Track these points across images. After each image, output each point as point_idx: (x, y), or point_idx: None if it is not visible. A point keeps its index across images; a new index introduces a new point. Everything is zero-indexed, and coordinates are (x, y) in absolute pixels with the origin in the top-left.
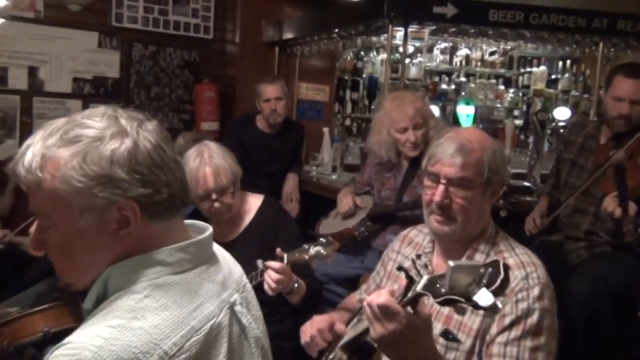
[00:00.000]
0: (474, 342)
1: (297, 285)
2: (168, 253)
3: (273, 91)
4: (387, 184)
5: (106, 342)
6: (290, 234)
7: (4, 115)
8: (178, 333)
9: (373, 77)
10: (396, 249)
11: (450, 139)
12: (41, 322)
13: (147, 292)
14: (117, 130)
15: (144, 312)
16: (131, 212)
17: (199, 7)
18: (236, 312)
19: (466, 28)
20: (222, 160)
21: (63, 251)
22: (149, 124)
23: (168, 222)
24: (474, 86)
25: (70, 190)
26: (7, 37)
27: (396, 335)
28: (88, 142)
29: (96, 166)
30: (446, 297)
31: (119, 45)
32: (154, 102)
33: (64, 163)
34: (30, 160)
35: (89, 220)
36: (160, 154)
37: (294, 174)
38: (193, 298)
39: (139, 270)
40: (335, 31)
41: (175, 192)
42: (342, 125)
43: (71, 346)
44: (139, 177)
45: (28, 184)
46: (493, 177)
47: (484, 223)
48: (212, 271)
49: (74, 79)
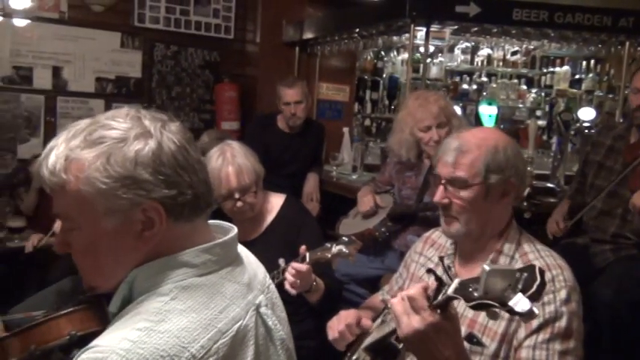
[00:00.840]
0: (498, 346)
1: (315, 283)
2: (194, 254)
3: (293, 94)
4: (407, 183)
5: (133, 345)
6: (312, 233)
7: (28, 115)
8: (206, 336)
9: (393, 77)
10: (419, 250)
11: (450, 140)
12: (67, 326)
13: (173, 294)
14: (141, 131)
15: (171, 314)
16: (155, 214)
17: (220, 7)
18: (262, 314)
19: (489, 28)
20: (245, 159)
21: (87, 253)
22: (172, 125)
23: (193, 223)
24: (495, 86)
25: (94, 192)
26: (33, 38)
27: (421, 335)
28: (112, 143)
29: (120, 167)
30: (479, 301)
31: (141, 45)
32: (175, 102)
33: (87, 165)
34: (54, 162)
35: (113, 221)
36: (184, 154)
37: (315, 174)
38: (219, 300)
39: (164, 272)
40: (356, 30)
41: (199, 193)
42: (362, 125)
43: (99, 350)
44: (163, 178)
45: (52, 186)
46: (493, 177)
47: (500, 224)
48: (237, 273)
49: (97, 79)
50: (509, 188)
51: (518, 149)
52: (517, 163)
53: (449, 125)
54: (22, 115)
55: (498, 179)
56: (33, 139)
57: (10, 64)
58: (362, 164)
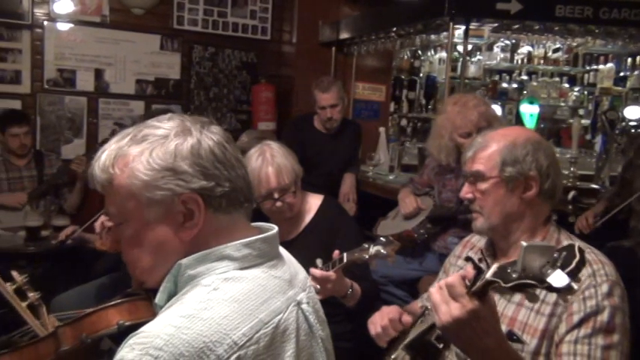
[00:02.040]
0: (539, 342)
1: (351, 290)
2: (235, 248)
3: (328, 98)
4: (448, 186)
5: (177, 330)
6: (350, 235)
7: (72, 116)
8: (247, 324)
9: (431, 76)
10: (458, 254)
11: (476, 138)
12: (116, 316)
13: (215, 284)
14: (181, 129)
15: (213, 303)
16: (195, 205)
17: (257, 8)
18: (303, 310)
19: (530, 25)
20: (284, 159)
21: (133, 245)
22: (213, 127)
23: (232, 217)
24: (536, 85)
25: (138, 183)
26: (76, 41)
27: (461, 323)
28: (155, 140)
29: (161, 159)
30: (517, 282)
31: (180, 47)
32: (213, 102)
33: (132, 159)
34: (104, 160)
35: (156, 212)
36: (222, 150)
37: (351, 174)
38: (260, 292)
39: (206, 264)
40: (393, 29)
41: (237, 187)
42: (398, 125)
43: (144, 335)
44: (201, 170)
45: (102, 183)
46: (509, 169)
47: (530, 220)
48: (279, 269)
49: (137, 81)
50: (531, 182)
51: (544, 145)
52: (539, 157)
53: (490, 129)
54: (65, 117)
55: (515, 172)
56: (76, 139)
57: (55, 67)
58: (399, 164)
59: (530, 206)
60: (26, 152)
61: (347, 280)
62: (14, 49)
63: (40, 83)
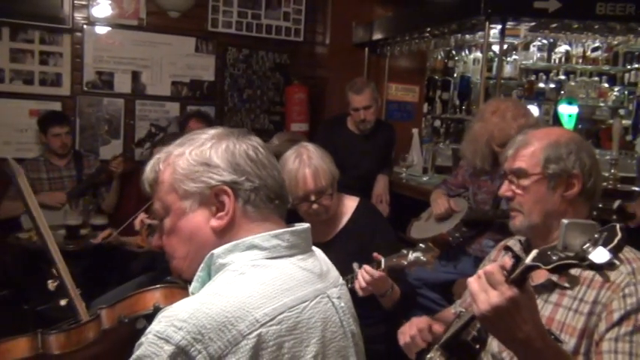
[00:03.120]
0: (578, 342)
1: (391, 289)
2: (264, 238)
3: (362, 100)
4: (483, 187)
5: (202, 305)
6: (386, 238)
7: (110, 118)
8: (271, 305)
9: (465, 77)
10: (493, 258)
11: (516, 137)
12: (152, 299)
13: (243, 269)
14: (221, 134)
15: (239, 284)
16: (225, 196)
17: (290, 10)
18: (334, 304)
19: (569, 23)
20: (321, 161)
21: (171, 235)
22: (251, 136)
23: (262, 211)
24: (574, 84)
25: (177, 177)
26: (114, 44)
27: (500, 311)
28: (196, 141)
29: (197, 156)
30: (559, 262)
31: (214, 49)
32: (247, 104)
33: (174, 157)
34: (154, 162)
35: (192, 204)
36: (255, 151)
37: (385, 175)
38: (287, 280)
39: (236, 253)
40: (427, 30)
41: (268, 184)
42: (432, 126)
43: (171, 309)
44: (232, 165)
45: (150, 183)
46: (553, 167)
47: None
48: (309, 263)
49: (173, 83)
50: (574, 181)
51: (586, 145)
52: (582, 157)
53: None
54: (103, 118)
55: (558, 169)
56: (114, 140)
57: (94, 69)
58: (432, 166)
59: (571, 205)
60: (67, 152)
61: (389, 280)
62: (55, 52)
63: (80, 85)
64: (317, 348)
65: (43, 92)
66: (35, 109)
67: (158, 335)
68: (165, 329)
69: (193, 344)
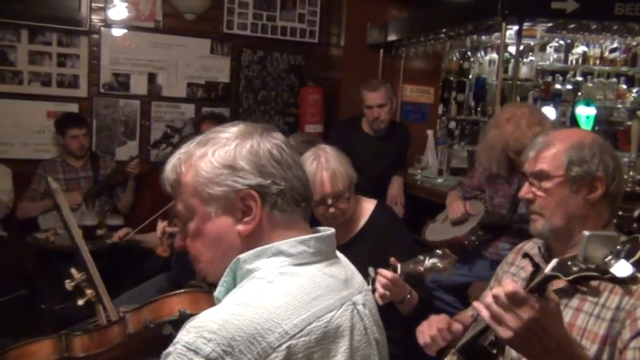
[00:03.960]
0: (600, 348)
1: (409, 296)
2: (290, 244)
3: (376, 97)
4: (500, 191)
5: (231, 316)
6: (403, 242)
7: (126, 119)
8: (300, 316)
9: (481, 78)
10: (511, 261)
11: (537, 138)
12: (178, 304)
13: (270, 277)
14: (243, 133)
15: (267, 294)
16: (252, 200)
17: (305, 12)
18: (359, 311)
19: (587, 24)
20: (339, 164)
21: (196, 239)
22: (274, 132)
23: (289, 215)
24: (591, 86)
25: (201, 180)
26: (130, 46)
27: (533, 325)
28: (218, 141)
29: (221, 158)
30: (579, 274)
31: (229, 51)
32: (261, 105)
33: (196, 158)
34: (174, 162)
35: (217, 208)
36: (280, 151)
37: (399, 177)
38: (314, 288)
39: (262, 259)
40: (442, 31)
41: (294, 186)
42: (447, 128)
43: (200, 319)
44: (258, 168)
45: (171, 183)
46: (576, 169)
47: (592, 223)
48: (334, 269)
49: (188, 85)
50: (597, 183)
51: (609, 147)
52: (606, 159)
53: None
54: (120, 119)
55: (582, 172)
56: (129, 141)
57: (110, 71)
58: (448, 168)
59: (593, 208)
60: (84, 154)
61: (406, 285)
62: (73, 54)
63: (97, 87)
64: (344, 357)
65: (61, 94)
66: (53, 110)
67: (187, 346)
68: (194, 340)
69: (223, 357)
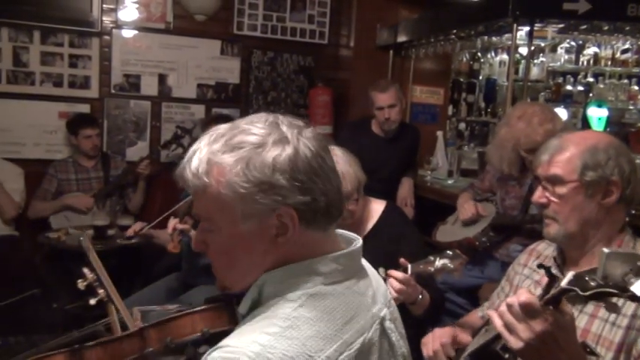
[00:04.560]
0: (615, 356)
1: (421, 296)
2: (323, 263)
3: (386, 98)
4: (511, 193)
5: (263, 349)
6: (413, 243)
7: (136, 120)
8: (332, 346)
9: (491, 79)
10: (523, 262)
11: (550, 140)
12: (201, 323)
13: (301, 301)
14: (278, 137)
15: (299, 322)
16: (289, 219)
17: (315, 13)
18: (385, 328)
19: (599, 25)
20: (348, 166)
21: (222, 254)
22: (308, 132)
23: (324, 231)
24: (603, 87)
25: (234, 196)
26: (141, 47)
27: (545, 337)
28: (251, 148)
29: (258, 172)
30: (597, 290)
31: (240, 52)
32: (271, 106)
33: (228, 169)
34: (197, 166)
35: (249, 225)
36: (319, 162)
37: (409, 178)
38: (345, 310)
39: (293, 278)
40: (453, 32)
41: (332, 201)
42: (456, 129)
43: (230, 350)
44: (298, 184)
45: (194, 189)
46: (590, 174)
47: (607, 228)
48: (362, 285)
49: (198, 85)
50: (612, 188)
51: (625, 150)
52: (621, 163)
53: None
54: (130, 120)
55: (596, 176)
56: (140, 142)
57: (121, 72)
58: (458, 169)
59: (608, 213)
60: (96, 154)
61: (417, 286)
62: (84, 55)
63: (108, 88)
64: None
65: (72, 94)
66: (64, 111)
67: None
68: None
69: None
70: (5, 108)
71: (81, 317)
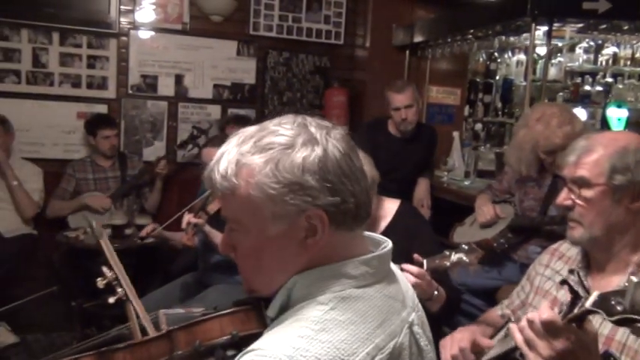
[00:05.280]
0: None
1: (437, 292)
2: (353, 266)
3: (403, 99)
4: (530, 194)
5: (296, 352)
6: (428, 241)
7: (153, 120)
8: (364, 350)
9: (508, 79)
10: (545, 263)
11: (577, 141)
12: (230, 325)
13: (332, 304)
14: (307, 138)
15: (331, 324)
16: (319, 221)
17: (331, 13)
18: (414, 332)
19: (619, 24)
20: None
21: (251, 257)
22: (336, 132)
23: (353, 233)
24: (622, 87)
25: (263, 197)
26: (158, 48)
27: (566, 355)
28: (280, 149)
29: (288, 173)
30: (624, 316)
31: (255, 52)
32: (286, 107)
33: (258, 170)
34: (225, 167)
35: (279, 227)
36: (348, 163)
37: (426, 179)
38: (376, 314)
39: (323, 281)
40: (470, 31)
41: (361, 202)
42: (472, 129)
43: (262, 353)
44: (328, 185)
45: (222, 190)
46: (619, 177)
47: (635, 233)
48: (392, 288)
49: (214, 86)
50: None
51: None
52: None
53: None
54: (147, 120)
55: (625, 180)
56: (156, 142)
57: (139, 73)
58: (475, 170)
59: (636, 217)
60: (114, 153)
61: (433, 282)
62: (102, 56)
63: (125, 89)
64: None
65: (90, 95)
66: (82, 111)
67: None
68: None
69: None
70: (25, 108)
71: (99, 315)
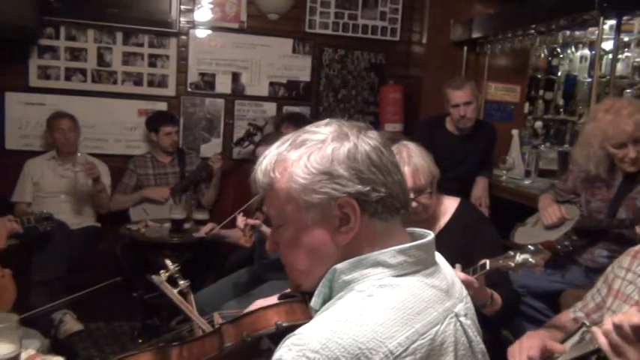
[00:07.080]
0: None
1: (491, 300)
2: (390, 255)
3: (462, 96)
4: (597, 195)
5: (333, 334)
6: (489, 240)
7: (210, 117)
8: (404, 334)
9: (571, 76)
10: (626, 266)
11: None
12: (275, 317)
13: (370, 291)
14: (339, 134)
15: (369, 309)
16: (350, 209)
17: (387, 9)
18: (462, 323)
19: None
20: (421, 160)
21: (291, 248)
22: (370, 132)
23: (388, 223)
24: None
25: (297, 187)
26: (216, 47)
27: None
28: (313, 144)
29: (318, 163)
30: None
31: (311, 50)
32: (341, 104)
33: (291, 163)
34: (265, 165)
35: (313, 215)
36: (378, 155)
37: (484, 177)
38: (417, 302)
39: (361, 270)
40: (532, 26)
41: (393, 193)
42: (532, 127)
43: (301, 337)
44: (356, 174)
45: (263, 187)
46: None
47: None
48: (435, 278)
49: (270, 83)
50: None
51: None
52: None
53: None
54: (205, 118)
55: None
56: (213, 139)
57: (197, 71)
58: (536, 169)
59: None
60: (174, 150)
61: (487, 289)
62: (162, 55)
63: (184, 86)
64: None
65: (151, 93)
66: (143, 108)
67: None
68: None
69: None
70: (90, 106)
71: (158, 307)
